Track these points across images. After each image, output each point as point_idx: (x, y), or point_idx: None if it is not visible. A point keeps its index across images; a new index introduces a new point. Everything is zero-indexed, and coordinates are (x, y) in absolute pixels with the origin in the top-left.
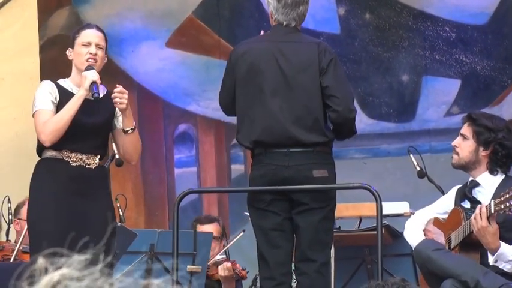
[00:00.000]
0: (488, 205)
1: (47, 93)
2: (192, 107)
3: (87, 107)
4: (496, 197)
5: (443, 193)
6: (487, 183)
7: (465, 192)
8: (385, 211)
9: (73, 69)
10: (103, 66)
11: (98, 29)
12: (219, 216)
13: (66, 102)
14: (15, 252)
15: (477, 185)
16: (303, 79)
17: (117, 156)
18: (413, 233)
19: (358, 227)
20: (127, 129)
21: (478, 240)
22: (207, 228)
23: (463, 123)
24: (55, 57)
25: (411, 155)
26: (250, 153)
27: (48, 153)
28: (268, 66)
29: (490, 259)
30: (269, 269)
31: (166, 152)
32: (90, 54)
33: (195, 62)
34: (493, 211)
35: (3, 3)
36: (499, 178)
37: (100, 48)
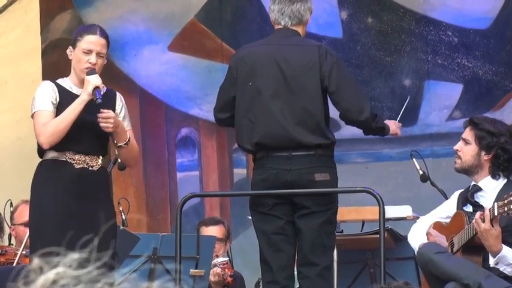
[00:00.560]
0: (491, 207)
1: (46, 94)
2: (194, 111)
3: (89, 107)
4: (499, 200)
5: (446, 197)
6: (489, 187)
7: (467, 197)
8: (388, 215)
9: (72, 69)
10: (106, 70)
11: (102, 35)
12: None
13: (66, 102)
14: (18, 256)
15: (479, 189)
16: (303, 82)
17: (119, 160)
18: (416, 236)
19: (361, 230)
20: (120, 144)
21: (481, 244)
22: (212, 230)
23: (465, 128)
24: (57, 61)
25: (414, 159)
26: (252, 157)
27: (51, 155)
28: (269, 69)
29: (491, 261)
30: (272, 273)
31: (168, 156)
32: (90, 63)
33: (197, 65)
34: (496, 213)
35: (6, 7)
36: (501, 182)
37: (100, 57)
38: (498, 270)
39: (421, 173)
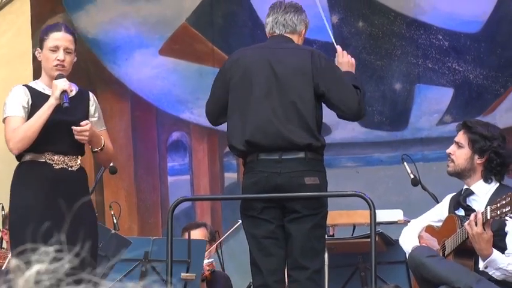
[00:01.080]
0: (484, 211)
1: (18, 99)
2: (185, 115)
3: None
4: (491, 204)
5: (437, 201)
6: (481, 191)
7: (459, 201)
8: (379, 219)
9: (42, 69)
10: (97, 74)
11: (67, 31)
12: (211, 223)
13: (40, 104)
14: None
15: (471, 193)
16: (296, 83)
17: (111, 164)
18: (408, 239)
19: (352, 234)
20: (95, 149)
21: (472, 247)
22: (194, 233)
23: (458, 131)
24: None
25: (405, 163)
26: (242, 162)
27: (29, 157)
28: (262, 70)
29: (481, 265)
30: (262, 277)
31: (159, 160)
32: (58, 60)
33: (188, 69)
34: (489, 217)
35: None
36: (493, 186)
37: (68, 53)
38: (487, 274)
39: (412, 177)
